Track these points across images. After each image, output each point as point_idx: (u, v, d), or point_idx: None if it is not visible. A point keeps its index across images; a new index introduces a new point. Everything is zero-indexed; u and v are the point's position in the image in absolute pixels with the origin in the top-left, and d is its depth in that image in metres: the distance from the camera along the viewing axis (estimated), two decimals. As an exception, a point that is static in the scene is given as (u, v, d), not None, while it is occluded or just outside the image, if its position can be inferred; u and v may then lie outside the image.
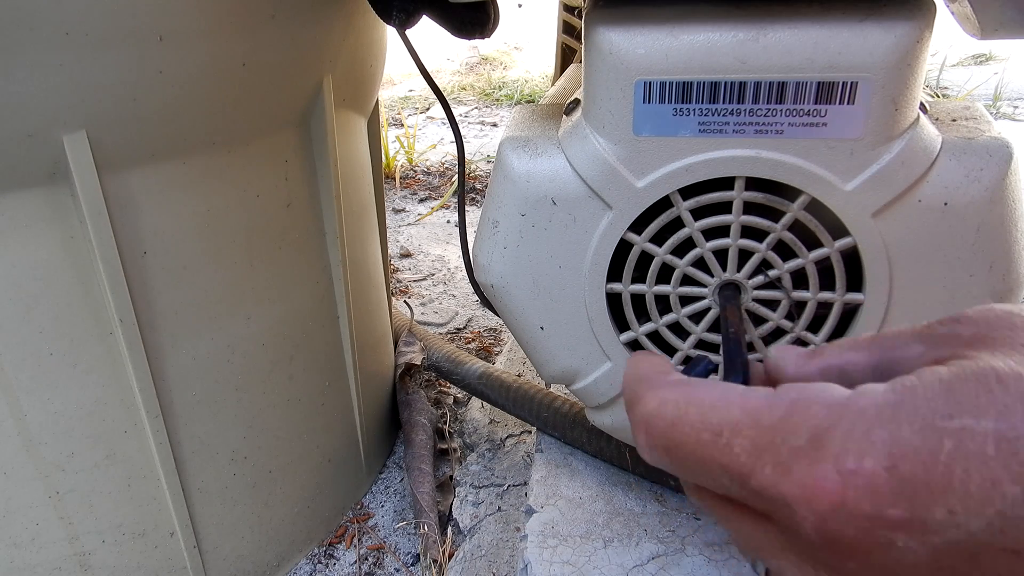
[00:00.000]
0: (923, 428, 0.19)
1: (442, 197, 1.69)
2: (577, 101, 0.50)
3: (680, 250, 0.48)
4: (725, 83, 0.43)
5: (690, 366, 0.30)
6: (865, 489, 0.19)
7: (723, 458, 0.22)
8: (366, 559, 0.75)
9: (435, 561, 0.69)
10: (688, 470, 0.24)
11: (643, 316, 0.51)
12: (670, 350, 0.52)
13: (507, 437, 0.84)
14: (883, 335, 0.24)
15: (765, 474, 0.21)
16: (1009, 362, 0.19)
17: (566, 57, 1.28)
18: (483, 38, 0.56)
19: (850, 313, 0.49)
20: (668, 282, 0.49)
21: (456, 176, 1.77)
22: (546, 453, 0.70)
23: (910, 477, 0.18)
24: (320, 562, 0.74)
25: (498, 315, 0.56)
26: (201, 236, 0.55)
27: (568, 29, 1.25)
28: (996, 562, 0.18)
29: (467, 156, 1.89)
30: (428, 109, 2.44)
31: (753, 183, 0.45)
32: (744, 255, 0.48)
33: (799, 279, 0.48)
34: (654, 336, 0.52)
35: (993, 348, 0.20)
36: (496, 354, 1.07)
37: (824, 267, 0.47)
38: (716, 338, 0.51)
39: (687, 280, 0.49)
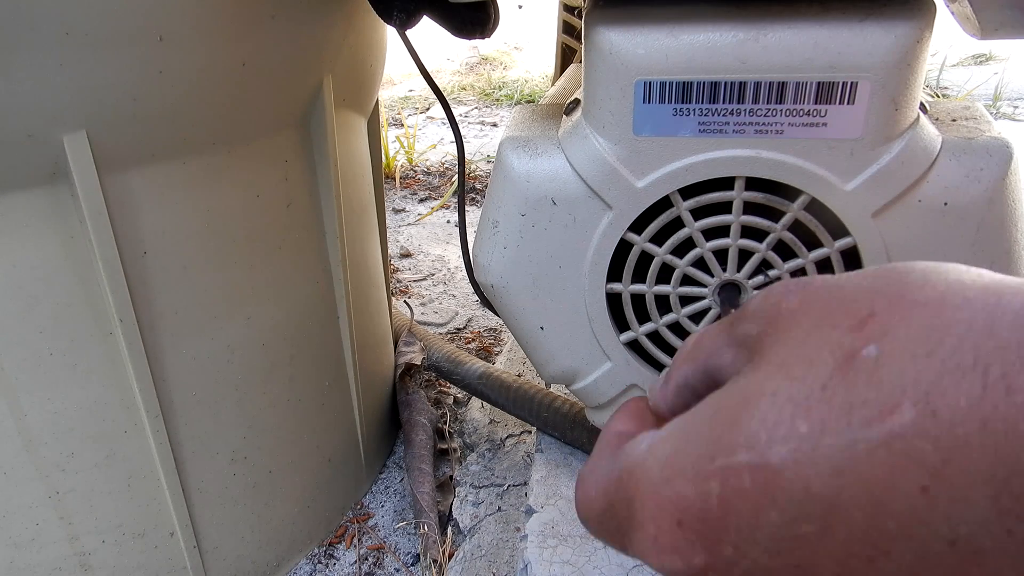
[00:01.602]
0: (694, 477, 0.20)
1: (442, 197, 1.69)
2: (577, 101, 0.50)
3: (680, 250, 0.48)
4: (725, 83, 0.43)
5: None
6: (671, 549, 0.20)
7: (613, 542, 0.25)
8: (366, 559, 0.75)
9: (435, 561, 0.69)
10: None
11: (643, 316, 0.51)
12: (670, 350, 0.52)
13: (507, 437, 0.84)
14: (703, 337, 0.25)
15: (629, 547, 0.23)
16: (760, 376, 0.20)
17: (566, 57, 1.28)
18: (483, 38, 0.56)
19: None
20: (668, 282, 0.49)
21: (456, 176, 1.77)
22: (546, 453, 0.70)
23: (695, 527, 0.20)
24: (320, 562, 0.74)
25: (498, 315, 0.56)
26: (201, 236, 0.55)
27: (568, 29, 1.25)
28: None
29: (467, 156, 1.89)
30: (428, 109, 2.44)
31: (753, 183, 0.45)
32: (744, 255, 0.48)
33: (799, 279, 0.48)
34: (654, 336, 0.52)
35: (760, 357, 0.21)
36: (496, 354, 1.07)
37: (824, 267, 0.47)
38: (716, 338, 0.50)
39: (687, 280, 0.49)
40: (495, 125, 2.26)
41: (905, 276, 0.19)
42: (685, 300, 0.50)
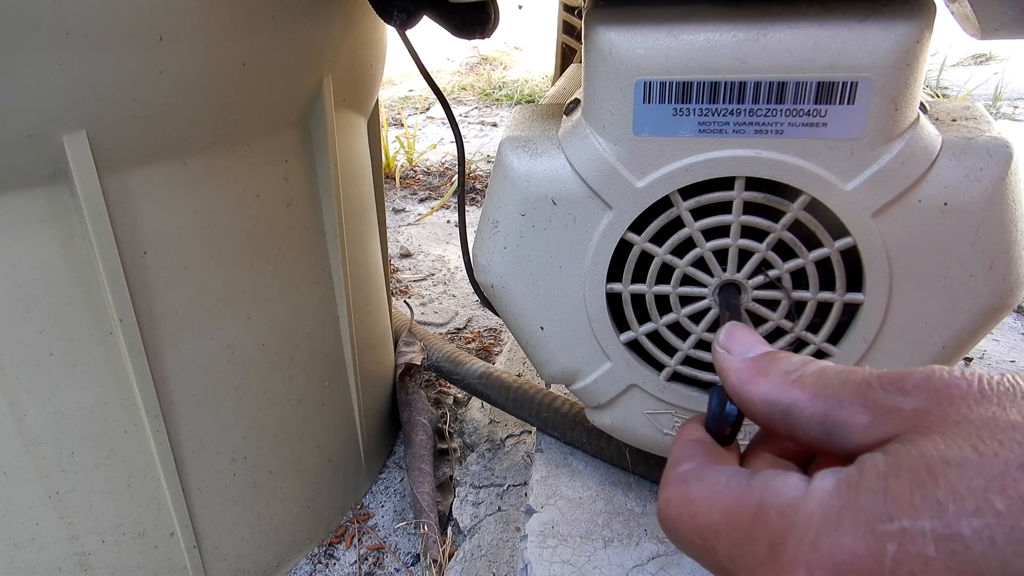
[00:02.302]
0: (866, 534, 0.19)
1: (442, 197, 1.69)
2: (577, 101, 0.50)
3: (680, 250, 0.48)
4: (725, 83, 0.43)
5: (709, 406, 0.31)
6: None
7: (711, 559, 0.24)
8: (366, 559, 0.75)
9: (435, 561, 0.69)
10: (702, 565, 0.26)
11: (643, 316, 0.51)
12: (670, 350, 0.52)
13: (507, 437, 0.84)
14: (830, 381, 0.24)
15: (726, 572, 0.23)
16: (940, 447, 0.19)
17: (566, 57, 1.28)
18: (483, 38, 0.56)
19: (850, 313, 0.49)
20: (668, 282, 0.49)
21: (456, 176, 1.77)
22: (546, 453, 0.70)
23: None
24: (320, 562, 0.74)
25: (498, 315, 0.56)
26: (201, 236, 0.55)
27: (568, 29, 1.25)
28: None
29: (467, 156, 1.89)
30: (428, 109, 2.44)
31: (753, 183, 0.45)
32: (744, 255, 0.48)
33: (799, 279, 0.48)
34: (654, 336, 0.52)
35: (930, 430, 0.20)
36: (496, 354, 1.07)
37: (824, 267, 0.47)
38: (716, 338, 0.50)
39: (687, 280, 0.49)
40: (495, 125, 2.26)
41: None
42: (685, 300, 0.50)
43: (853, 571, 0.19)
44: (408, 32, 0.59)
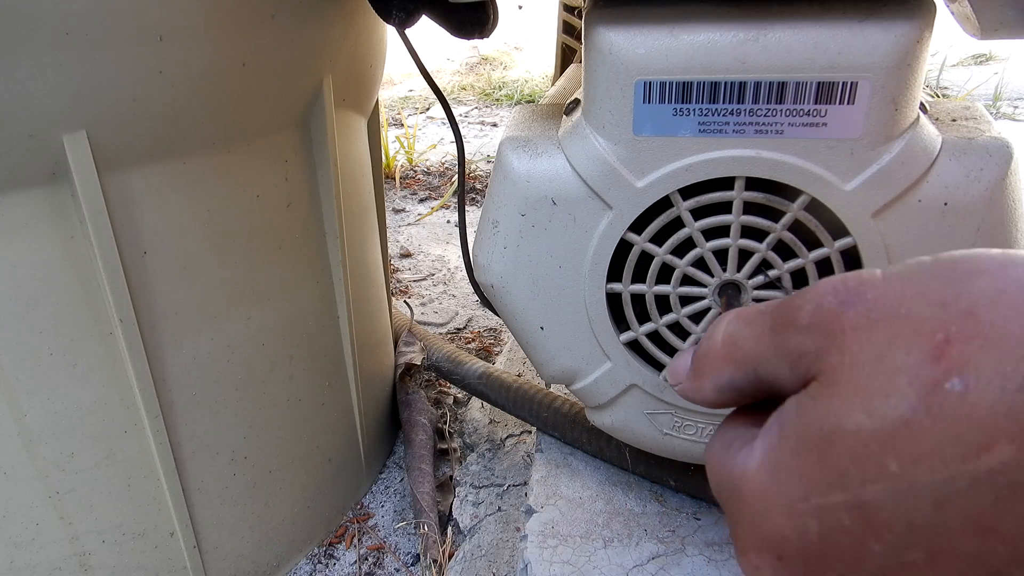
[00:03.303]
0: (790, 515, 0.21)
1: (442, 197, 1.69)
2: (577, 101, 0.50)
3: (680, 250, 0.48)
4: (725, 83, 0.43)
5: None
6: None
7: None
8: (366, 559, 0.75)
9: (435, 561, 0.69)
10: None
11: (643, 316, 0.51)
12: (670, 350, 0.52)
13: (507, 437, 0.84)
14: (736, 340, 0.24)
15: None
16: (836, 411, 0.20)
17: (566, 57, 1.28)
18: (482, 38, 0.56)
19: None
20: (668, 282, 0.49)
21: (456, 176, 1.76)
22: (546, 453, 0.70)
23: (797, 561, 0.21)
24: (320, 562, 0.74)
25: (498, 315, 0.56)
26: (201, 236, 0.55)
27: (568, 29, 1.25)
28: None
29: (467, 156, 1.89)
30: (428, 109, 2.44)
31: (753, 183, 0.45)
32: (744, 255, 0.48)
33: (799, 279, 0.48)
34: (654, 336, 0.52)
35: (831, 382, 0.20)
36: (496, 354, 1.07)
37: (824, 267, 0.47)
38: (716, 338, 0.50)
39: (687, 280, 0.49)
40: (495, 125, 2.26)
41: (970, 283, 0.19)
42: (685, 300, 0.50)
43: (788, 549, 0.21)
44: (408, 32, 0.59)
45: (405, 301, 1.23)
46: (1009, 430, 0.17)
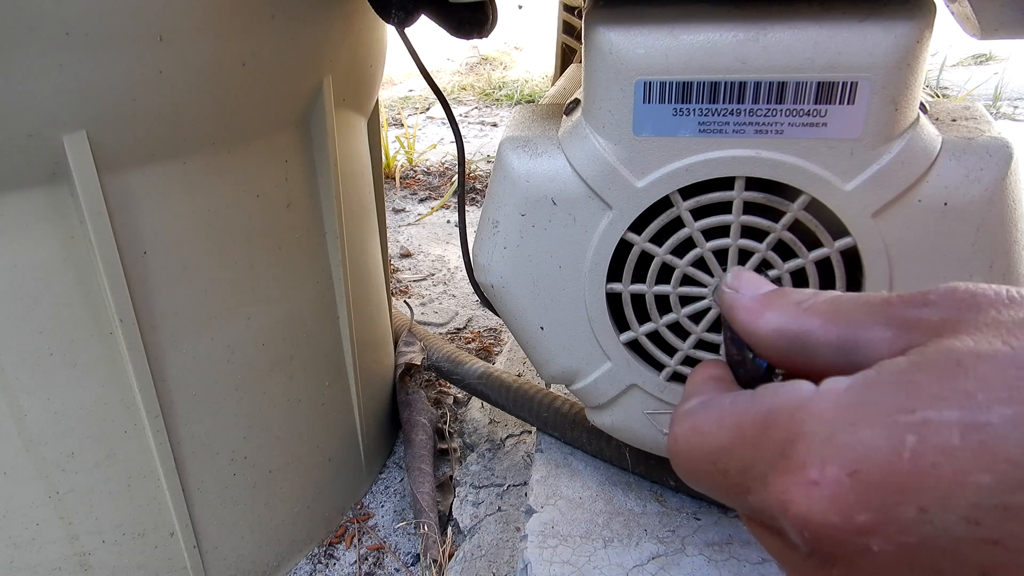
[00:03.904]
0: (884, 426, 0.18)
1: (442, 197, 1.69)
2: (577, 101, 0.50)
3: (680, 250, 0.48)
4: (725, 83, 0.43)
5: (726, 354, 0.30)
6: (831, 499, 0.19)
7: (724, 483, 0.23)
8: (366, 559, 0.75)
9: (435, 561, 0.69)
10: (717, 498, 0.24)
11: (643, 316, 0.51)
12: (670, 350, 0.52)
13: (507, 437, 0.84)
14: (844, 305, 0.23)
15: (755, 491, 0.21)
16: (968, 343, 0.19)
17: (566, 57, 1.28)
18: (481, 38, 0.56)
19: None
20: (668, 282, 0.49)
21: (456, 176, 1.77)
22: (546, 453, 0.70)
23: (875, 480, 0.18)
24: (320, 562, 0.74)
25: (498, 315, 0.56)
26: (201, 236, 0.55)
27: (568, 29, 1.25)
28: (976, 554, 0.17)
29: (467, 156, 1.89)
30: (428, 109, 2.44)
31: (753, 183, 0.45)
32: (744, 255, 0.48)
33: (799, 279, 0.48)
34: (654, 336, 0.52)
35: (956, 332, 0.19)
36: (496, 354, 1.07)
37: (824, 267, 0.47)
38: (716, 338, 0.51)
39: (687, 280, 0.49)
40: (495, 125, 2.26)
41: None
42: (685, 300, 0.50)
43: (869, 464, 0.18)
44: (408, 32, 0.59)
45: (405, 301, 1.23)
46: None
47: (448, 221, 1.57)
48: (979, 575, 0.17)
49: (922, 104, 0.45)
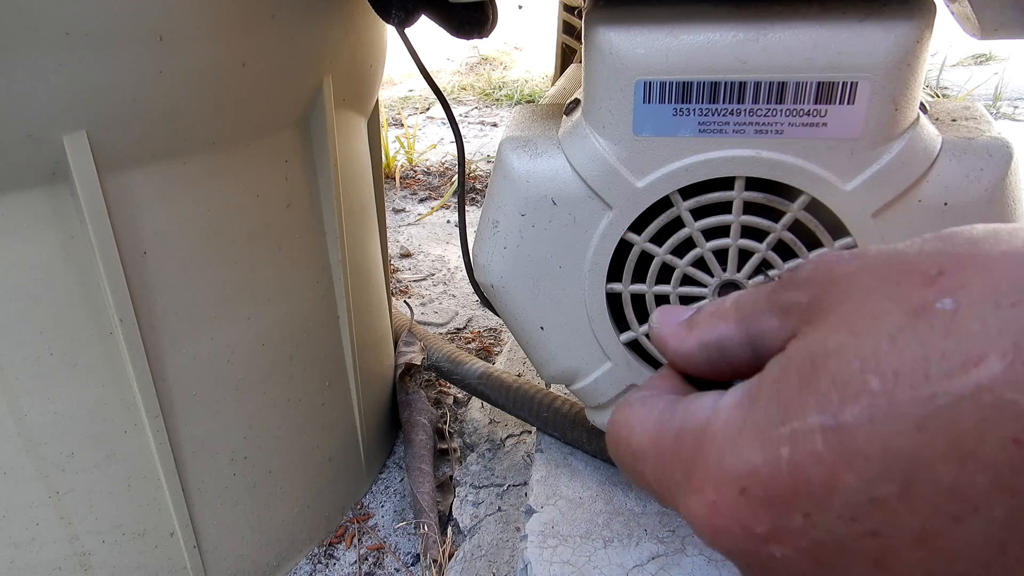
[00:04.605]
0: (763, 443, 0.19)
1: (442, 197, 1.69)
2: (577, 101, 0.50)
3: (680, 250, 0.48)
4: (725, 83, 0.43)
5: None
6: (728, 515, 0.20)
7: (641, 482, 0.25)
8: (366, 559, 0.75)
9: (435, 561, 0.69)
10: (634, 483, 0.26)
11: (643, 316, 0.51)
12: (670, 350, 0.52)
13: (507, 437, 0.84)
14: (742, 301, 0.24)
15: (668, 501, 0.23)
16: (821, 338, 0.19)
17: (566, 57, 1.28)
18: (481, 38, 0.56)
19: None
20: (668, 282, 0.49)
21: (456, 176, 1.76)
22: (546, 453, 0.70)
23: (761, 495, 0.19)
24: (320, 562, 0.74)
25: (498, 315, 0.56)
26: (201, 236, 0.55)
27: (568, 29, 1.25)
28: (862, 547, 0.18)
29: (467, 156, 1.89)
30: (428, 109, 2.44)
31: (753, 183, 0.45)
32: (744, 255, 0.48)
33: (799, 279, 0.48)
34: (654, 336, 0.52)
35: (818, 319, 0.20)
36: (496, 354, 1.07)
37: (824, 267, 0.47)
38: (716, 338, 0.50)
39: (687, 280, 0.49)
40: (495, 125, 2.26)
41: (971, 237, 0.19)
42: (685, 300, 0.50)
43: (755, 482, 0.19)
44: (408, 32, 0.59)
45: (405, 301, 1.23)
46: (1000, 345, 0.16)
47: (448, 221, 1.57)
48: (872, 564, 0.18)
49: (922, 104, 0.45)
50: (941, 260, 0.18)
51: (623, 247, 0.49)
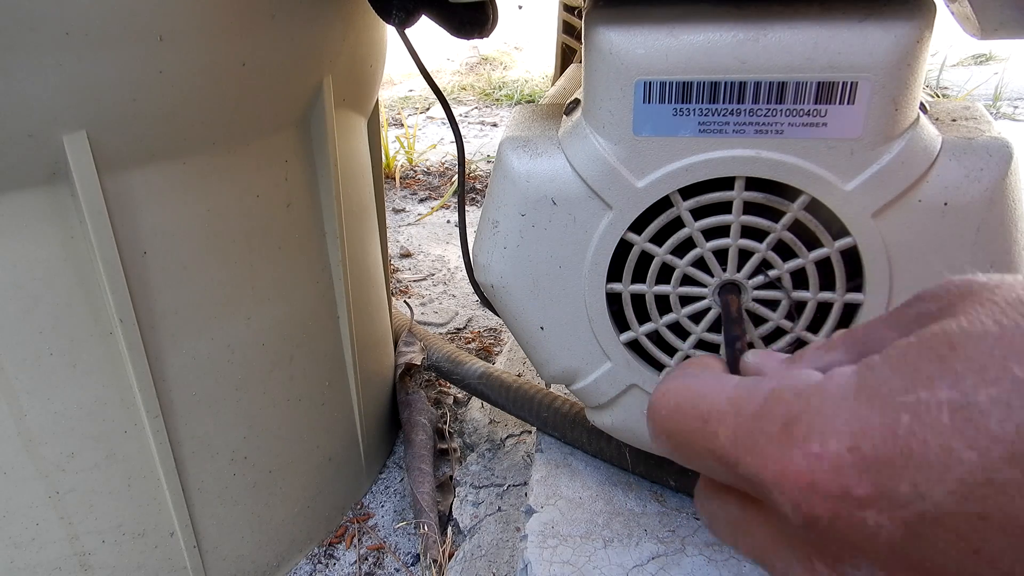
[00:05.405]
0: (883, 406, 0.19)
1: (442, 197, 1.69)
2: (577, 101, 0.50)
3: (680, 250, 0.48)
4: (725, 83, 0.43)
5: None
6: (830, 471, 0.20)
7: (710, 444, 0.24)
8: (366, 559, 0.75)
9: (435, 561, 0.69)
10: (686, 457, 0.25)
11: (643, 316, 0.51)
12: (670, 350, 0.52)
13: (507, 437, 0.84)
14: (855, 330, 0.25)
15: (746, 461, 0.22)
16: (962, 323, 0.19)
17: (566, 57, 1.28)
18: (482, 38, 0.56)
19: (850, 313, 0.49)
20: (668, 282, 0.49)
21: (456, 176, 1.76)
22: (546, 453, 0.70)
23: (872, 455, 0.19)
24: (320, 562, 0.74)
25: (498, 315, 0.56)
26: (201, 236, 0.55)
27: (568, 29, 1.25)
28: (966, 529, 0.18)
29: (467, 156, 1.89)
30: (428, 109, 2.44)
31: (753, 183, 0.45)
32: (744, 255, 0.48)
33: (799, 279, 0.48)
34: (654, 336, 0.52)
35: (953, 314, 0.20)
36: (496, 354, 1.07)
37: (824, 267, 0.47)
38: (716, 338, 0.51)
39: (687, 280, 0.49)
40: (495, 125, 2.26)
41: None
42: (685, 300, 0.50)
43: (868, 442, 0.19)
44: (408, 32, 0.59)
45: (405, 301, 1.23)
46: None
47: (448, 221, 1.57)
48: (971, 551, 0.18)
49: (922, 104, 0.45)
50: None
51: (623, 247, 0.49)
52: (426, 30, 0.62)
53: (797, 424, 0.21)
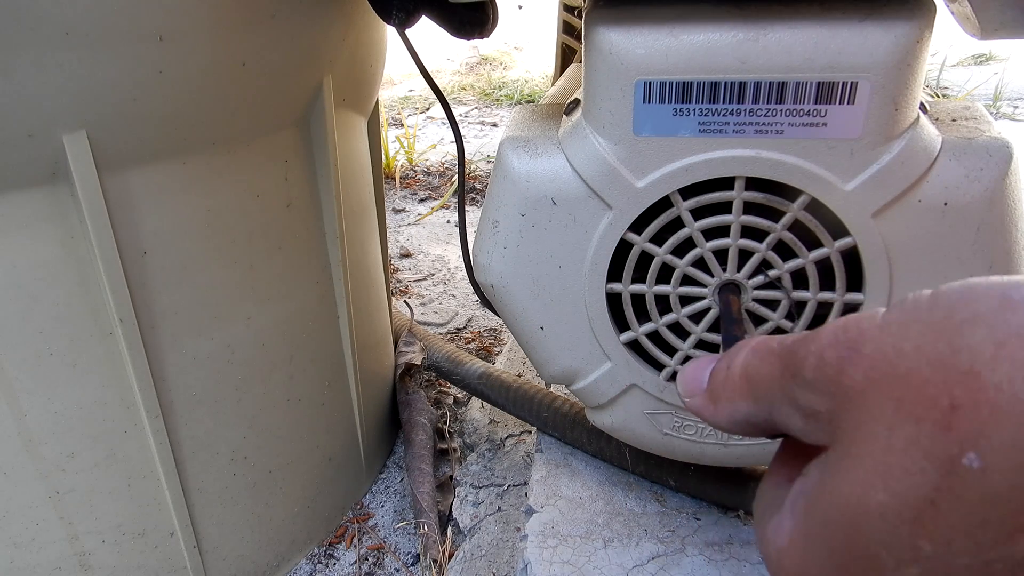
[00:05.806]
0: None
1: (442, 197, 1.69)
2: (577, 101, 0.50)
3: (680, 250, 0.48)
4: (725, 83, 0.43)
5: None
6: None
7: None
8: (366, 559, 0.75)
9: (435, 561, 0.69)
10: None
11: (643, 316, 0.51)
12: (670, 350, 0.52)
13: (507, 437, 0.84)
14: (753, 377, 0.24)
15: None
16: (859, 488, 0.19)
17: (566, 57, 1.28)
18: (482, 38, 0.56)
19: (850, 313, 0.49)
20: (668, 282, 0.49)
21: (456, 176, 1.76)
22: (546, 453, 0.70)
23: None
24: (320, 562, 0.74)
25: (498, 315, 0.56)
26: (201, 236, 0.55)
27: (568, 29, 1.25)
28: None
29: (467, 156, 1.89)
30: (428, 109, 2.44)
31: (753, 183, 0.45)
32: (744, 255, 0.48)
33: (799, 279, 0.48)
34: (654, 336, 0.52)
35: (843, 446, 0.20)
36: (496, 354, 1.07)
37: (824, 267, 0.47)
38: (716, 338, 0.51)
39: (687, 280, 0.49)
40: (495, 125, 2.26)
41: (966, 335, 0.18)
42: (685, 300, 0.50)
43: None
44: (408, 32, 0.59)
45: (405, 301, 1.23)
46: None
47: (448, 221, 1.57)
48: None
49: (922, 104, 0.45)
50: (949, 385, 0.18)
51: (623, 247, 0.49)
52: (426, 30, 0.62)
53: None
